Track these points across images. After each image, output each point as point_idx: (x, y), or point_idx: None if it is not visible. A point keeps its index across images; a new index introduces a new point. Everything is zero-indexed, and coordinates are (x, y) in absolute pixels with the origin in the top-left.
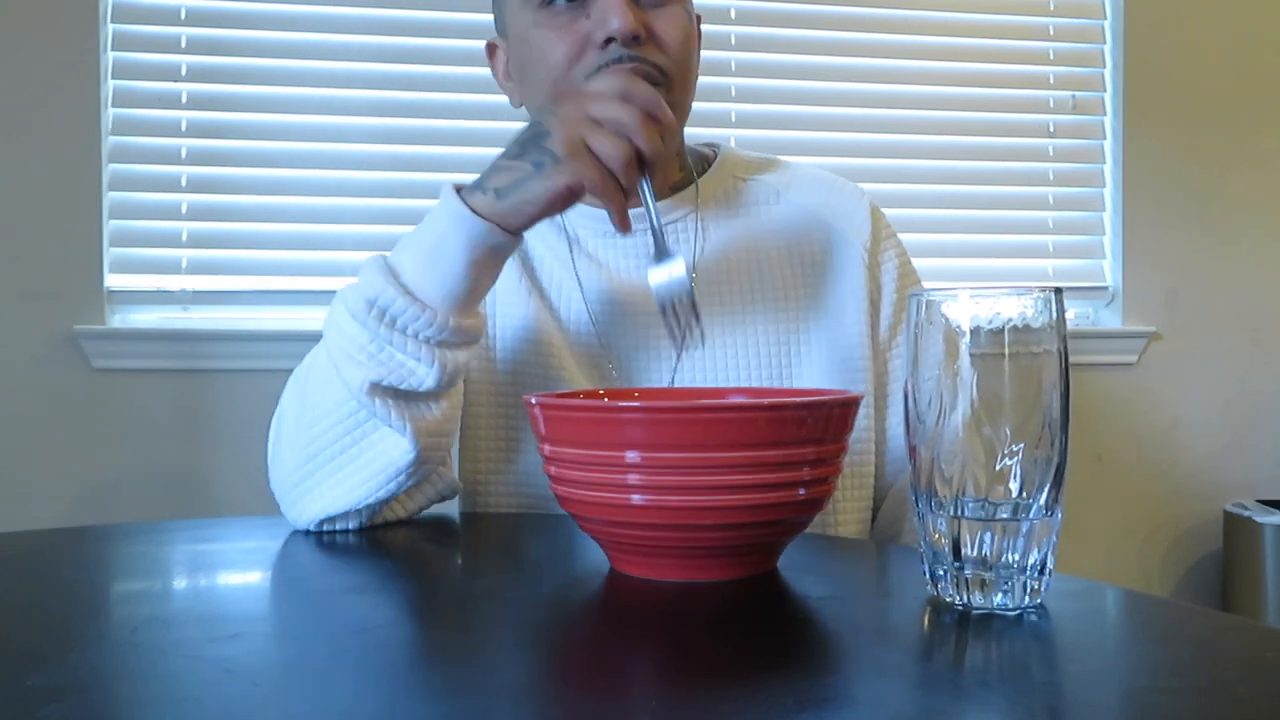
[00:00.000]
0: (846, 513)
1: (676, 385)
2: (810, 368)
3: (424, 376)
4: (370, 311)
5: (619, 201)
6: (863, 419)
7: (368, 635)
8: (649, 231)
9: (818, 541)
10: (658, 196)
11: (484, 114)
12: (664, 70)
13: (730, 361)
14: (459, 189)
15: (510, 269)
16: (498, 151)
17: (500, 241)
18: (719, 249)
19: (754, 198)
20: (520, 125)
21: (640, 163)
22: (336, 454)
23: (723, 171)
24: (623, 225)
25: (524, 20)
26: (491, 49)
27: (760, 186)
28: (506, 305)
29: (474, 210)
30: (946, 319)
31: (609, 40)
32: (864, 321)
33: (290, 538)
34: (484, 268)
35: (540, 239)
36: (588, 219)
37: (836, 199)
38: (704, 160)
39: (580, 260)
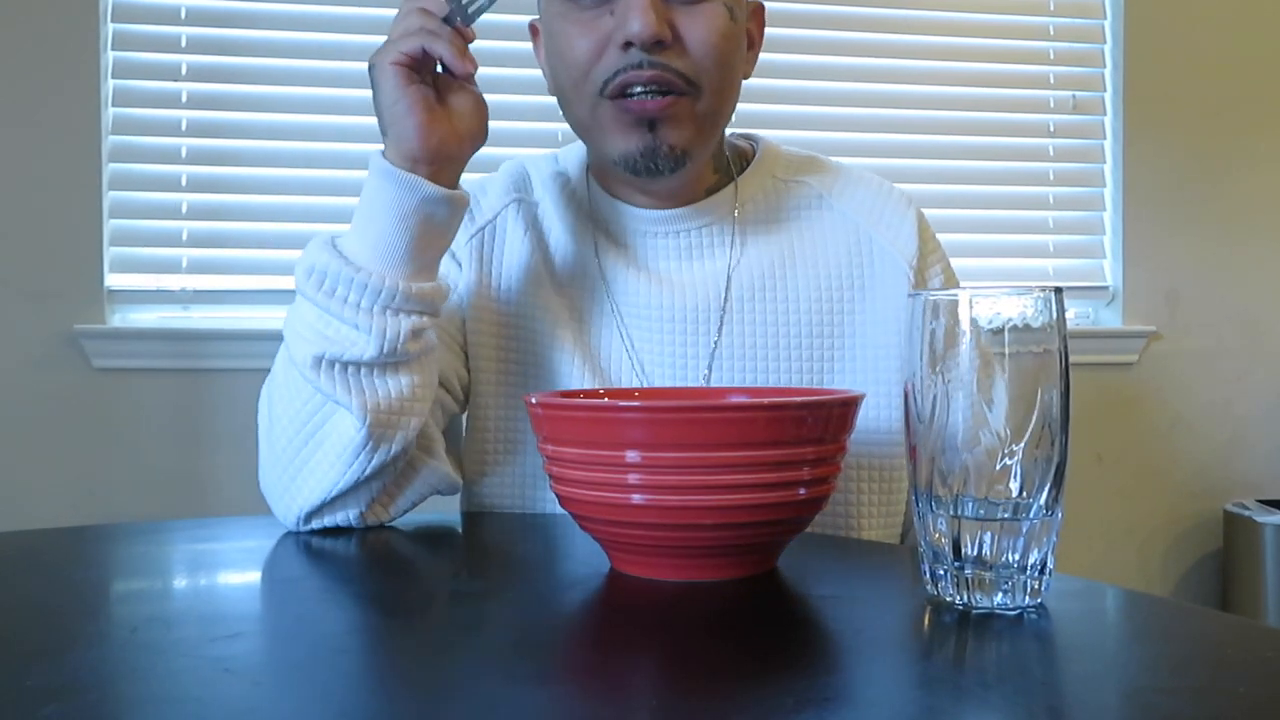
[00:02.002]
0: (871, 515)
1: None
2: (844, 384)
3: (364, 346)
4: (309, 280)
5: (439, 45)
6: (895, 425)
7: (367, 634)
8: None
9: (818, 541)
10: (689, 201)
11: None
12: (689, 78)
13: (761, 371)
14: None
15: (529, 260)
16: (501, 151)
17: (429, 193)
18: (756, 255)
19: (795, 201)
20: (537, 126)
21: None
22: (304, 443)
23: (762, 170)
24: (460, 66)
25: (551, 9)
26: (534, 30)
27: (802, 189)
28: (522, 297)
29: (391, 162)
30: (947, 319)
31: (630, 43)
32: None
33: (290, 538)
34: (418, 225)
35: (566, 233)
36: (619, 214)
37: (882, 208)
38: (743, 156)
39: (607, 257)
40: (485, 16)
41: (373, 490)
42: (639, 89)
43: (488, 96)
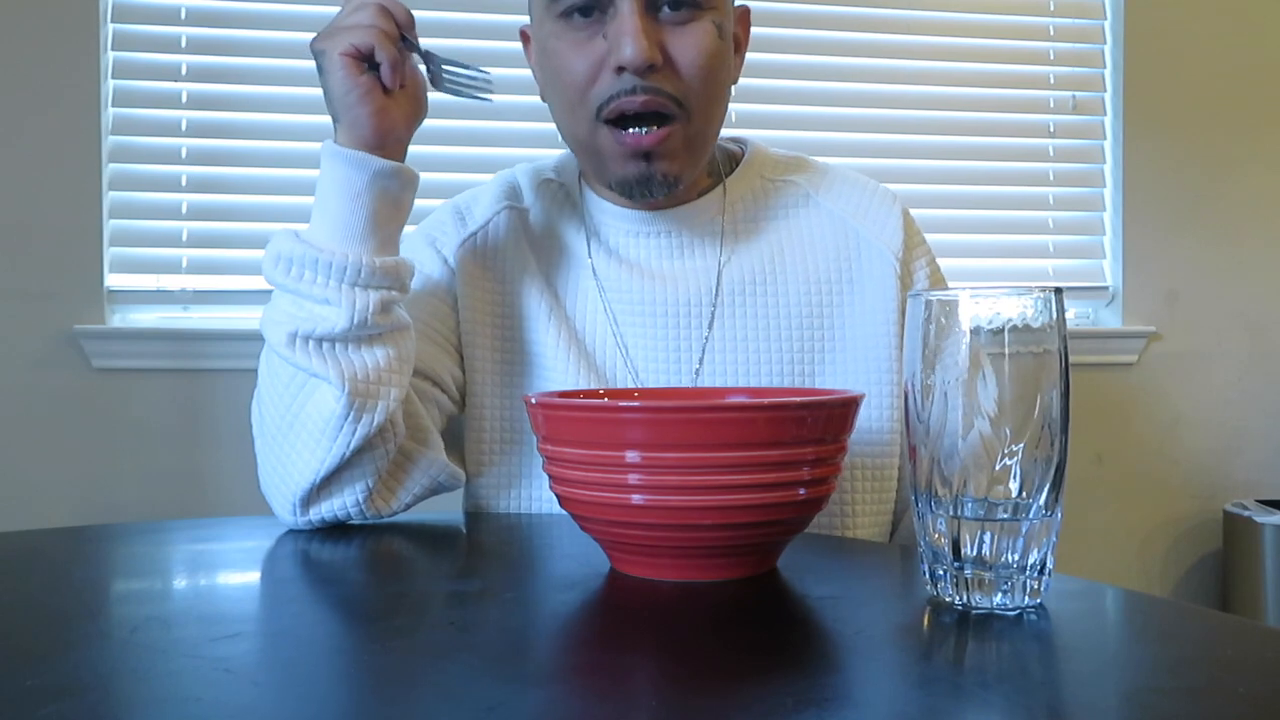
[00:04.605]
0: (864, 514)
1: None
2: (834, 378)
3: (335, 319)
4: (276, 268)
5: (390, 51)
6: (887, 421)
7: (366, 634)
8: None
9: (818, 541)
10: (679, 204)
11: (485, 113)
12: (680, 100)
13: (753, 368)
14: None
15: (521, 263)
16: (499, 151)
17: (379, 168)
18: (745, 253)
19: (782, 200)
20: (533, 126)
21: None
22: (288, 427)
23: (751, 171)
24: (388, 77)
25: (544, 29)
26: (525, 36)
27: (789, 189)
28: (515, 299)
29: (340, 145)
30: (946, 319)
31: (623, 67)
32: (893, 332)
33: (290, 538)
34: (372, 201)
35: (557, 235)
36: (610, 216)
37: (868, 204)
38: (732, 158)
39: (599, 256)
40: (478, 15)
41: (368, 479)
42: (633, 126)
43: (484, 97)
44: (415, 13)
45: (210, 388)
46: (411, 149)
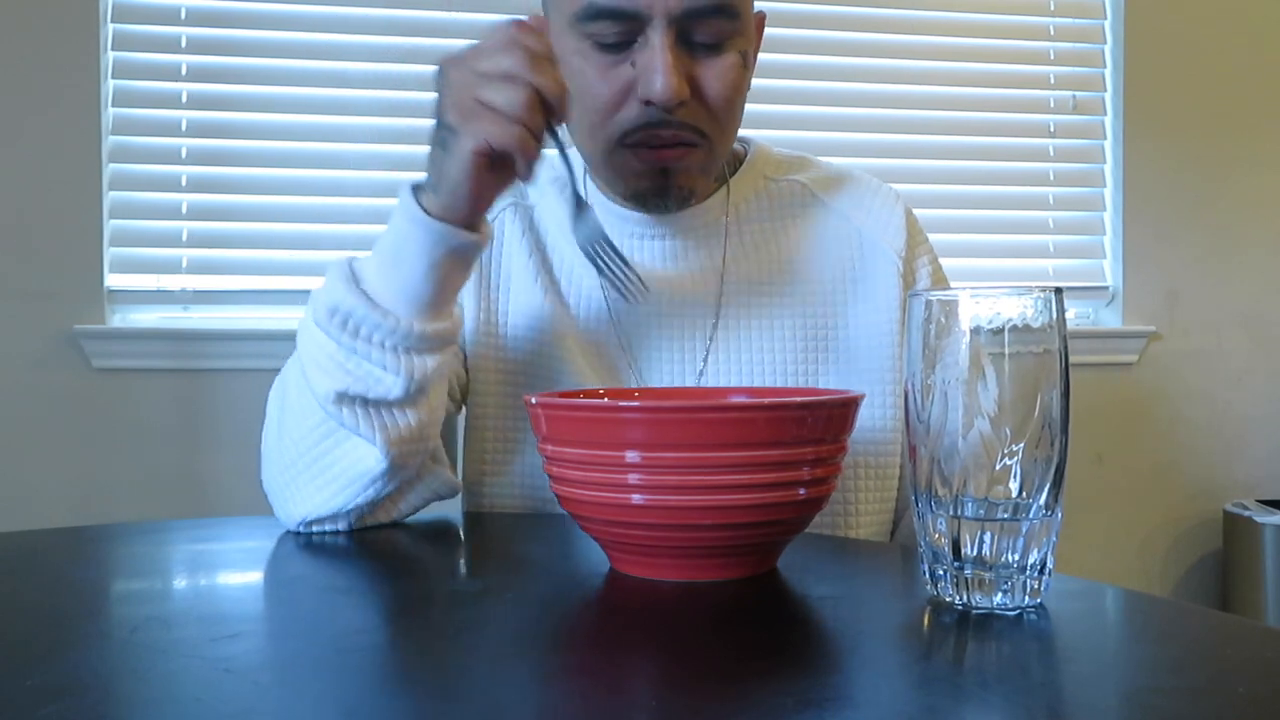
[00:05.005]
0: (866, 514)
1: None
2: (837, 376)
3: (391, 385)
4: (333, 319)
5: (528, 150)
6: (890, 420)
7: (367, 634)
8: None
9: (818, 541)
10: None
11: None
12: (703, 132)
13: (757, 368)
14: (417, 187)
15: (526, 263)
16: None
17: (460, 243)
18: (749, 253)
19: (786, 199)
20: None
21: (544, 105)
22: (313, 461)
23: (754, 170)
24: (525, 175)
25: (567, 42)
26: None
27: (792, 188)
28: (519, 299)
29: (427, 210)
30: (946, 319)
31: (650, 101)
32: (896, 331)
33: (290, 538)
34: (447, 270)
35: (562, 235)
36: (615, 217)
37: (870, 203)
38: (735, 158)
39: None
40: (479, 15)
41: (375, 502)
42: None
43: None
44: (416, 13)
45: (210, 388)
46: (405, 150)
